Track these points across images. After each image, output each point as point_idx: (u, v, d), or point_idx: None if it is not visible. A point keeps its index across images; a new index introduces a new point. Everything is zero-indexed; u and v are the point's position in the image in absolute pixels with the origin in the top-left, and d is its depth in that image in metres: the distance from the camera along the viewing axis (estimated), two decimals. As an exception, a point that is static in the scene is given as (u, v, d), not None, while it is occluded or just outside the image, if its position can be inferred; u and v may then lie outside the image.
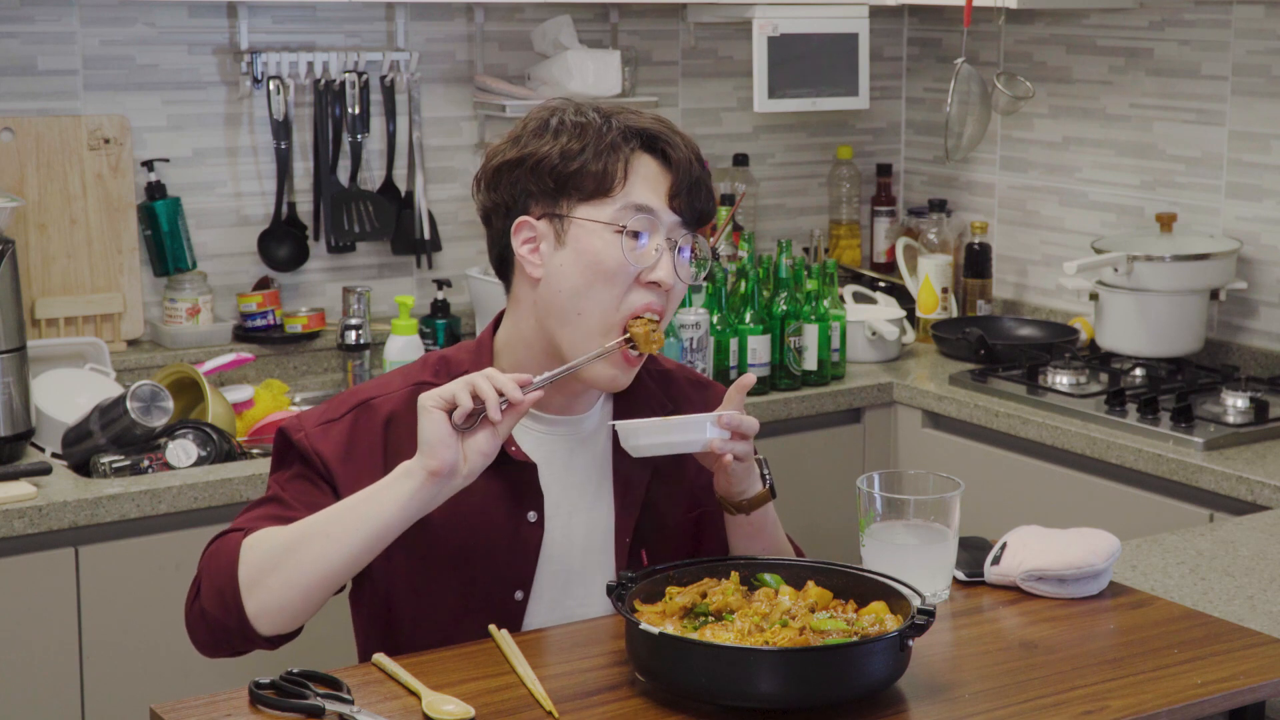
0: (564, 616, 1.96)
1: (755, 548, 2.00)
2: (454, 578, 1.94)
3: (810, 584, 1.82)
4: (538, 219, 1.93)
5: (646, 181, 1.92)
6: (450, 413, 1.77)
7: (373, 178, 3.68)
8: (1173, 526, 2.85)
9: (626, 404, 2.02)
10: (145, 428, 2.89)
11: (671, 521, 2.02)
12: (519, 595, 1.96)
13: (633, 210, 1.90)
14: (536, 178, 1.92)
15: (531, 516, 1.96)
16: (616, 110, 1.96)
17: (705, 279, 3.47)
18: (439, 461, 1.76)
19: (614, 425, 1.91)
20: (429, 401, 1.77)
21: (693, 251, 1.96)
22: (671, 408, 2.04)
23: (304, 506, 1.89)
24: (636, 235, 1.90)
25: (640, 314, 1.90)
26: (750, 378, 1.92)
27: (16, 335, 2.90)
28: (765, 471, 1.96)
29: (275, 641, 1.87)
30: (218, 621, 1.84)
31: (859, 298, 3.89)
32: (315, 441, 1.93)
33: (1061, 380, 3.42)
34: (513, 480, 1.94)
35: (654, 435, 1.87)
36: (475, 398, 1.77)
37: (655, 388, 2.06)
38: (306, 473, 1.94)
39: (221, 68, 3.50)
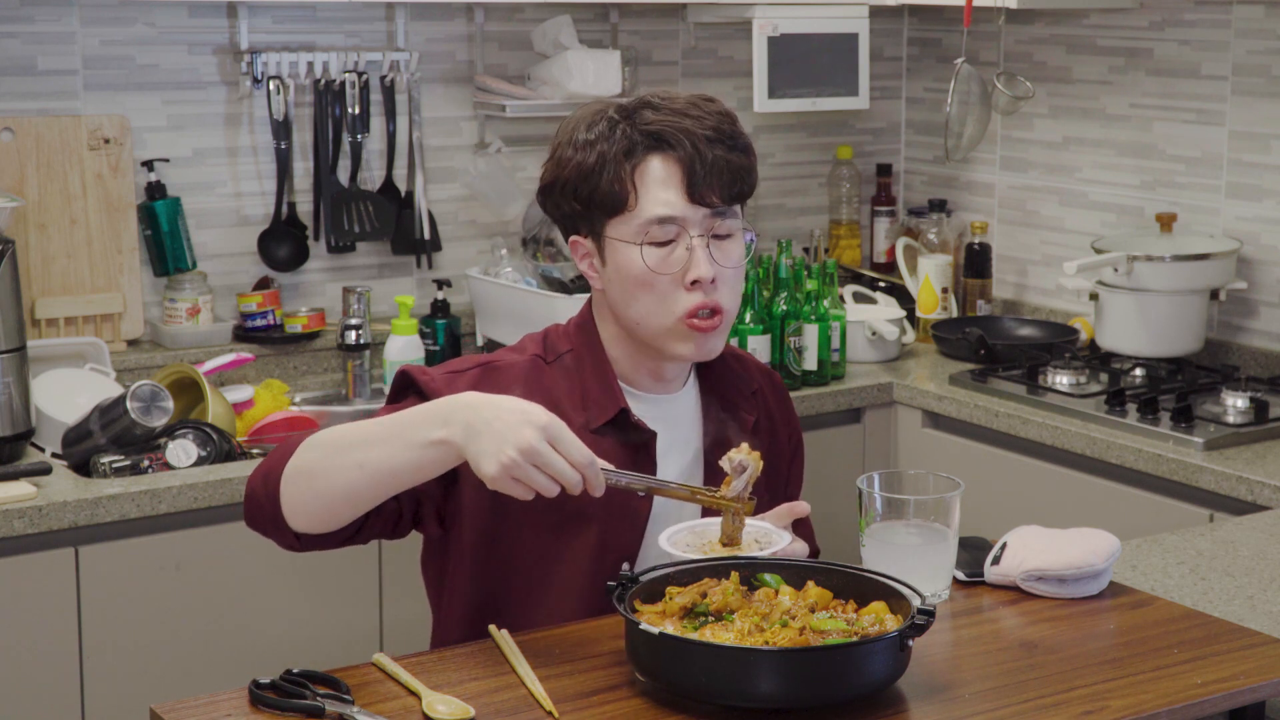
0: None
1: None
2: (577, 544, 1.98)
3: (810, 584, 1.82)
4: (584, 238, 2.01)
5: (661, 185, 1.95)
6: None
7: (373, 178, 3.68)
8: (1173, 526, 2.85)
9: (715, 390, 2.10)
10: (145, 428, 2.89)
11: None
12: (625, 567, 1.97)
13: (652, 223, 1.94)
14: (566, 200, 2.00)
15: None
16: (639, 106, 1.98)
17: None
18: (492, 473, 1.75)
19: (665, 549, 1.91)
20: (518, 483, 1.74)
21: (734, 234, 1.99)
22: (758, 388, 2.14)
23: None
24: (663, 244, 1.95)
25: (694, 313, 1.96)
26: (805, 507, 2.01)
27: (16, 335, 2.90)
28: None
29: (305, 542, 1.88)
30: (257, 498, 1.87)
31: (859, 298, 3.89)
32: (439, 386, 1.95)
33: (1061, 380, 3.42)
34: (632, 447, 2.00)
35: None
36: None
37: (738, 368, 2.14)
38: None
39: (221, 68, 3.50)
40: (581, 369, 2.03)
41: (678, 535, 1.95)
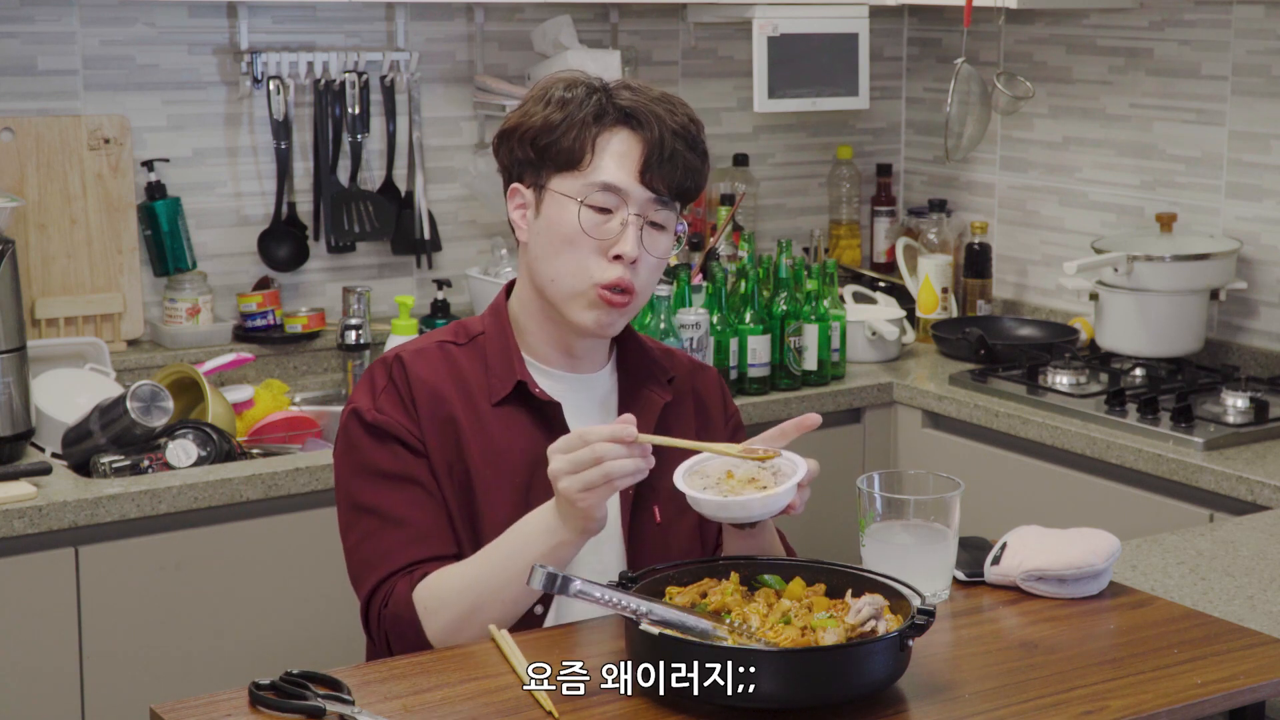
0: (587, 551, 1.99)
1: (750, 546, 2.01)
2: (507, 522, 1.99)
3: (796, 580, 1.82)
4: (526, 187, 2.05)
5: (617, 157, 1.99)
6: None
7: (373, 178, 3.68)
8: (1173, 526, 2.85)
9: (632, 376, 2.11)
10: (145, 428, 2.88)
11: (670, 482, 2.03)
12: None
13: (598, 187, 1.98)
14: (522, 147, 2.03)
15: None
16: (618, 86, 2.03)
17: (701, 273, 3.47)
18: (603, 525, 1.88)
19: (686, 491, 1.90)
20: (596, 492, 1.83)
21: (667, 227, 2.02)
22: (675, 376, 2.14)
23: (413, 511, 1.98)
24: (601, 210, 1.98)
25: (609, 286, 1.98)
26: (815, 418, 2.00)
27: (16, 335, 2.90)
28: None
29: None
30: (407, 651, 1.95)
31: (859, 298, 3.89)
32: (390, 412, 2.01)
33: (1061, 380, 3.42)
34: (539, 420, 2.02)
35: (742, 509, 1.87)
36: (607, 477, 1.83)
37: (662, 362, 2.15)
38: (392, 460, 1.99)
39: (221, 68, 3.50)
40: (490, 350, 2.06)
41: (691, 476, 1.92)
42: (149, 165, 3.42)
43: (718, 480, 1.90)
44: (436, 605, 1.93)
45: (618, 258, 1.98)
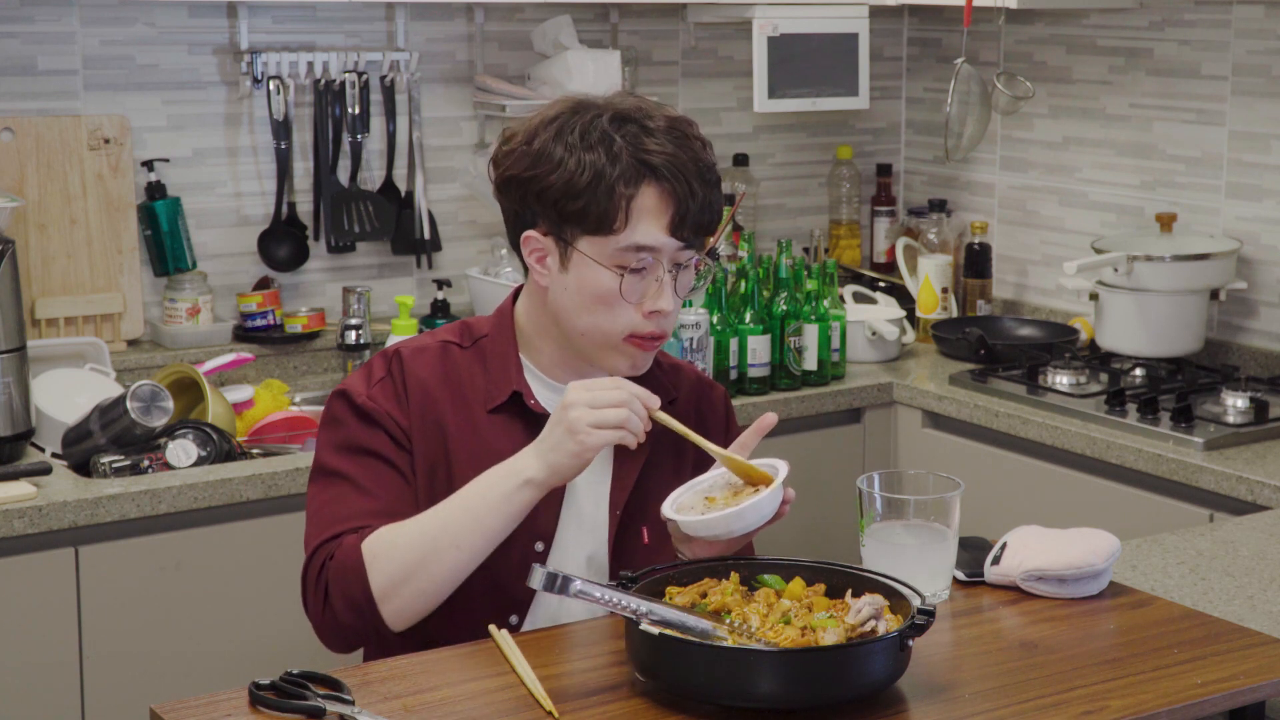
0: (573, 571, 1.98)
1: (714, 551, 2.00)
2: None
3: (796, 580, 1.82)
4: (544, 235, 1.99)
5: (650, 215, 1.95)
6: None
7: (373, 178, 3.68)
8: (1173, 526, 2.85)
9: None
10: (145, 428, 2.88)
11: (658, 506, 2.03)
12: (539, 546, 2.01)
13: (634, 251, 1.95)
14: (542, 204, 1.97)
15: None
16: (629, 121, 1.96)
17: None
18: (576, 475, 1.89)
19: (672, 520, 1.90)
20: (603, 433, 1.86)
21: (696, 267, 2.02)
22: (677, 397, 2.12)
23: (383, 488, 1.97)
24: (636, 270, 1.96)
25: (642, 336, 1.98)
26: (771, 418, 1.97)
27: (16, 335, 2.90)
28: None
29: (405, 634, 1.95)
30: (353, 627, 1.93)
31: (859, 298, 3.89)
32: (381, 403, 2.00)
33: (1061, 380, 3.42)
34: (532, 430, 1.99)
35: (724, 525, 1.87)
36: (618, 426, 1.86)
37: (666, 381, 2.12)
38: (374, 440, 1.98)
39: (221, 68, 3.50)
40: (490, 355, 2.06)
41: (680, 500, 1.93)
42: (149, 165, 3.42)
43: (702, 511, 1.90)
44: (385, 551, 1.90)
45: (654, 312, 1.97)
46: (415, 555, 1.89)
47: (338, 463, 2.00)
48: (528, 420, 2.02)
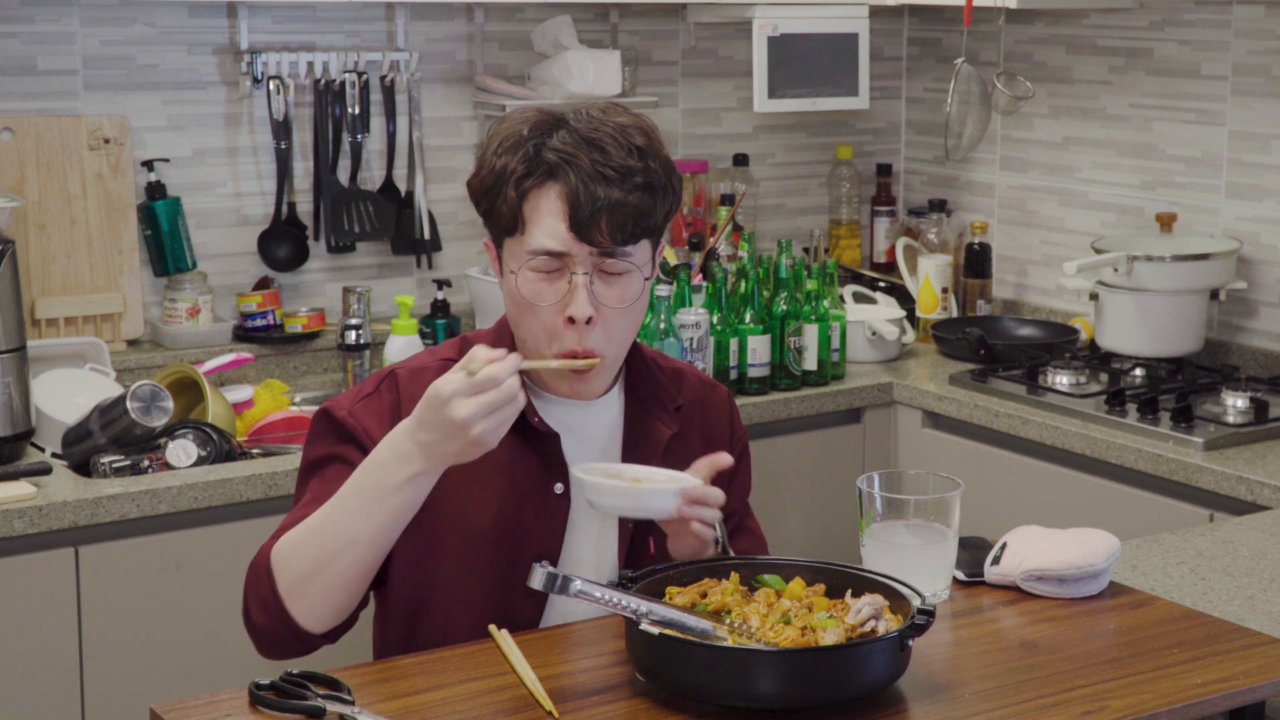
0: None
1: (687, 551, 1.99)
2: (494, 554, 1.97)
3: (796, 580, 1.82)
4: (490, 242, 1.99)
5: (551, 217, 1.89)
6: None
7: (373, 178, 3.68)
8: (1173, 526, 2.85)
9: (639, 403, 2.06)
10: (145, 428, 2.88)
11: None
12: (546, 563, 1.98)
13: (536, 253, 1.90)
14: (478, 209, 1.97)
15: (558, 489, 1.99)
16: (556, 125, 1.91)
17: (701, 273, 3.47)
18: (479, 452, 1.78)
19: (577, 475, 1.88)
20: (485, 408, 1.76)
21: (628, 271, 1.92)
22: (682, 404, 2.08)
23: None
24: (549, 273, 1.90)
25: (570, 354, 1.91)
26: (727, 458, 1.93)
27: (16, 335, 2.90)
28: (719, 535, 1.96)
29: (332, 636, 1.91)
30: (269, 629, 1.89)
31: (859, 298, 3.89)
32: (362, 419, 1.96)
33: (1061, 380, 3.42)
34: (538, 451, 1.98)
35: (618, 498, 1.86)
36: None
37: (669, 385, 2.09)
38: (345, 453, 1.95)
39: (221, 68, 3.50)
40: None
41: (594, 468, 1.90)
42: (149, 165, 3.42)
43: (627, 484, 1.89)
44: (290, 550, 1.87)
45: (571, 320, 1.90)
46: (314, 552, 1.85)
47: (305, 478, 1.99)
48: (528, 436, 1.98)
